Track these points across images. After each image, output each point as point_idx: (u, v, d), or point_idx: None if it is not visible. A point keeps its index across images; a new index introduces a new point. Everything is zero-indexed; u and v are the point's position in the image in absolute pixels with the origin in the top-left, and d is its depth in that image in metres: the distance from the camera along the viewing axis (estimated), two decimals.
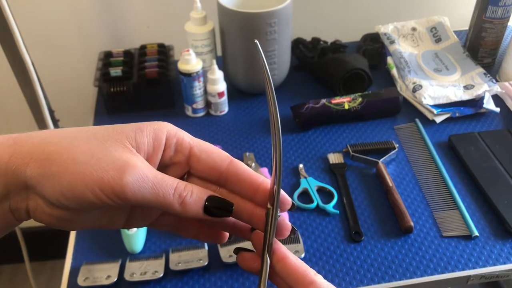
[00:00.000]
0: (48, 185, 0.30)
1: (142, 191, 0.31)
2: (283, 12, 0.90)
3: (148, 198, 0.32)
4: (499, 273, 0.68)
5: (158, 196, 0.32)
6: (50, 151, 0.31)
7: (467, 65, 1.03)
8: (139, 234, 0.72)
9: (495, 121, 0.93)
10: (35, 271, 1.32)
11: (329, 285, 0.34)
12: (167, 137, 0.34)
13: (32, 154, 0.31)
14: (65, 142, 0.31)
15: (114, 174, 0.30)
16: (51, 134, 0.32)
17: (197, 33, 0.96)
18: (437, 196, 0.78)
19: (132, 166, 0.31)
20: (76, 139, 0.32)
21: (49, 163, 0.30)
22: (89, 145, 0.31)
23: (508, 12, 1.00)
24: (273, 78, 0.98)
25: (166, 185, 0.32)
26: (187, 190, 0.33)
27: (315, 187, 0.80)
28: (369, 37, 1.12)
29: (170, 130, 0.34)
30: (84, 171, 0.30)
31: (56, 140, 0.32)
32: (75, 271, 0.69)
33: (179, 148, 0.35)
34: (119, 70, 0.98)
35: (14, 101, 1.21)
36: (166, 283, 0.68)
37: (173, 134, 0.35)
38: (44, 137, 0.32)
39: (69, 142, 0.31)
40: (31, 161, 0.30)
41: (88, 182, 0.30)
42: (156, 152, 0.34)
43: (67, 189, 0.30)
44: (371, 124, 0.93)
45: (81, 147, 0.31)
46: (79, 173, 0.30)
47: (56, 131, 0.33)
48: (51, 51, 1.21)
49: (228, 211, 0.34)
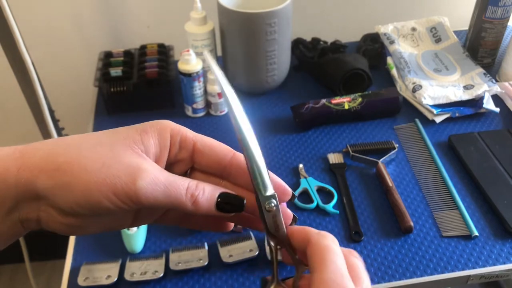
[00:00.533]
0: (61, 195, 0.31)
1: (155, 194, 0.32)
2: (283, 12, 0.90)
3: (161, 200, 0.32)
4: (498, 273, 0.68)
5: (171, 197, 0.32)
6: (60, 162, 0.31)
7: (467, 65, 1.03)
8: (139, 234, 0.72)
9: (495, 121, 0.93)
10: (35, 271, 1.32)
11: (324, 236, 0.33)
12: (171, 136, 0.35)
13: (42, 166, 0.31)
14: (73, 152, 0.32)
15: (126, 179, 0.31)
16: (57, 144, 0.32)
17: (197, 33, 0.96)
18: (437, 196, 0.78)
19: (144, 170, 0.32)
20: (83, 148, 0.32)
21: (60, 174, 0.31)
22: (98, 153, 0.32)
23: (508, 12, 1.00)
24: (273, 78, 0.98)
25: (178, 186, 0.33)
26: (198, 189, 0.33)
27: (315, 187, 0.80)
28: (369, 37, 1.12)
29: (173, 129, 0.35)
30: (97, 179, 0.31)
31: (63, 151, 0.32)
32: (75, 271, 0.69)
33: (183, 145, 0.35)
34: (119, 70, 0.98)
35: (14, 101, 1.21)
36: (166, 283, 0.68)
37: (176, 132, 0.35)
38: (51, 148, 0.32)
39: (77, 152, 0.32)
40: (41, 173, 0.31)
41: (102, 190, 0.31)
42: (163, 152, 0.34)
43: (82, 198, 0.31)
44: (371, 124, 0.93)
45: (90, 155, 0.31)
46: (92, 181, 0.31)
47: (60, 140, 0.33)
48: (51, 51, 1.21)
49: (240, 206, 0.35)
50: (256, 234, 0.72)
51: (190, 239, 0.73)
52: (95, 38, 1.21)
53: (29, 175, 0.31)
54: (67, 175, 0.31)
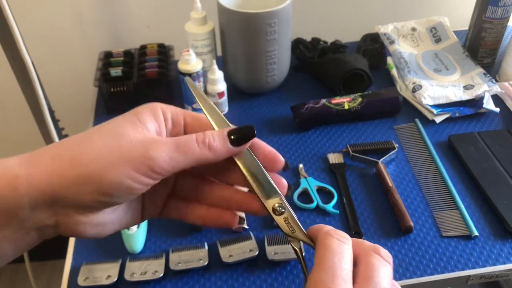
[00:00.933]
0: (79, 190, 0.31)
1: (172, 157, 0.32)
2: (283, 12, 0.90)
3: (181, 161, 0.33)
4: (498, 273, 0.68)
5: (187, 154, 0.33)
6: (67, 159, 0.31)
7: (467, 65, 1.03)
8: (139, 234, 0.72)
9: (495, 121, 0.93)
10: (35, 271, 1.32)
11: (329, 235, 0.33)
12: (162, 113, 0.36)
13: (52, 168, 0.31)
14: (77, 148, 0.32)
15: (140, 153, 0.32)
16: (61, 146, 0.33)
17: (197, 33, 0.96)
18: (436, 196, 0.78)
19: (152, 141, 0.33)
20: (85, 143, 0.32)
21: (73, 171, 0.31)
22: (102, 141, 0.32)
23: (507, 12, 1.00)
24: (273, 78, 0.98)
25: (187, 142, 0.34)
26: (207, 136, 0.34)
27: (315, 187, 0.80)
28: (369, 37, 1.12)
29: (162, 107, 0.36)
30: (112, 162, 0.31)
31: (68, 150, 0.32)
32: (75, 271, 0.69)
33: (175, 120, 0.36)
34: (119, 70, 0.98)
35: (14, 101, 1.21)
36: (166, 283, 0.68)
37: (166, 109, 0.36)
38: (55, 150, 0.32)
39: (81, 148, 0.32)
40: (52, 173, 0.31)
41: (121, 170, 0.31)
42: (161, 128, 0.35)
43: (103, 185, 0.31)
44: (371, 124, 0.93)
45: (97, 146, 0.32)
46: (108, 166, 0.31)
47: (59, 144, 0.33)
48: (51, 51, 1.21)
49: (251, 132, 0.35)
50: (256, 234, 0.72)
51: (190, 239, 0.73)
52: (95, 38, 1.21)
53: (41, 179, 0.30)
54: (79, 169, 0.31)
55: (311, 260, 0.37)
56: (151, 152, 0.32)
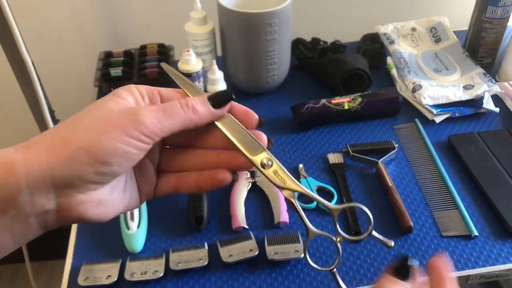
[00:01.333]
0: (78, 164, 0.32)
1: (161, 120, 0.34)
2: (283, 12, 0.90)
3: (169, 124, 0.35)
4: (498, 272, 0.68)
5: (174, 117, 0.35)
6: (60, 139, 0.32)
7: (467, 65, 1.04)
8: (139, 234, 0.72)
9: (494, 121, 0.93)
10: (35, 271, 1.32)
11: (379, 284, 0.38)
12: (138, 91, 0.37)
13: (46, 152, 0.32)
14: (69, 127, 0.33)
15: (129, 120, 0.33)
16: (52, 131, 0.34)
17: (197, 33, 0.96)
18: (436, 196, 0.78)
19: (139, 109, 0.34)
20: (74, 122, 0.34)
21: (67, 146, 0.32)
22: (91, 117, 0.34)
23: (507, 12, 1.00)
24: (273, 78, 0.98)
25: (172, 106, 0.35)
26: (189, 101, 0.36)
27: (315, 187, 0.80)
28: (369, 37, 1.12)
29: (136, 86, 0.38)
30: (104, 131, 0.32)
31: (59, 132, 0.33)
32: (75, 271, 0.69)
33: (151, 96, 0.38)
34: (119, 70, 0.98)
35: (14, 101, 1.21)
36: (166, 283, 0.68)
37: (140, 87, 0.38)
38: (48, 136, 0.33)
39: (72, 126, 0.33)
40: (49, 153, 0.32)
41: (114, 136, 0.32)
42: (139, 102, 0.37)
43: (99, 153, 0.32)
44: (371, 124, 0.93)
45: (86, 122, 0.33)
46: (101, 135, 0.32)
47: (52, 129, 0.34)
48: (52, 51, 1.21)
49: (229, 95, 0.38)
50: (256, 234, 0.72)
51: (190, 239, 0.73)
52: (95, 38, 1.21)
53: (37, 161, 0.31)
54: (74, 143, 0.32)
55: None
56: (140, 118, 0.33)
